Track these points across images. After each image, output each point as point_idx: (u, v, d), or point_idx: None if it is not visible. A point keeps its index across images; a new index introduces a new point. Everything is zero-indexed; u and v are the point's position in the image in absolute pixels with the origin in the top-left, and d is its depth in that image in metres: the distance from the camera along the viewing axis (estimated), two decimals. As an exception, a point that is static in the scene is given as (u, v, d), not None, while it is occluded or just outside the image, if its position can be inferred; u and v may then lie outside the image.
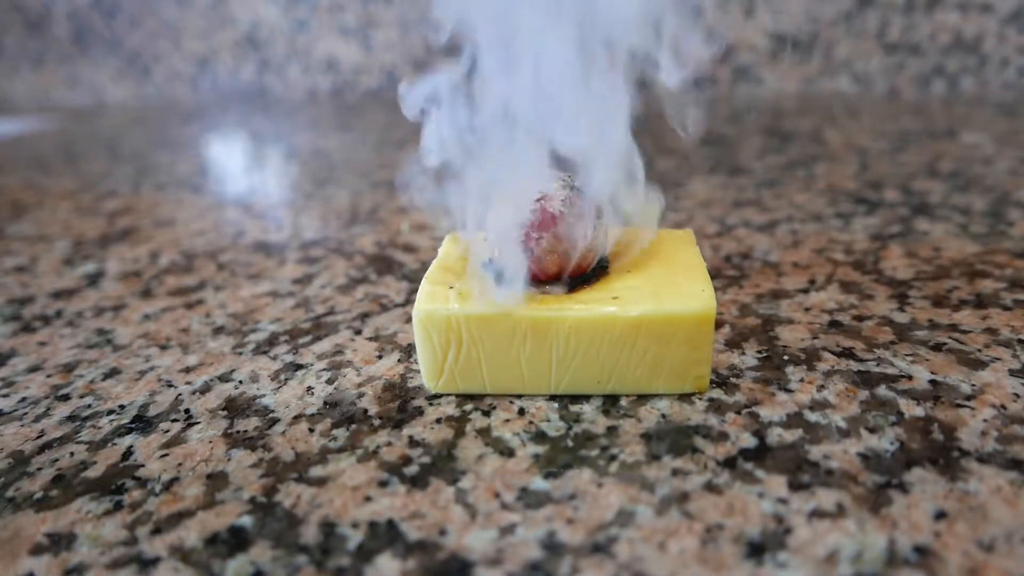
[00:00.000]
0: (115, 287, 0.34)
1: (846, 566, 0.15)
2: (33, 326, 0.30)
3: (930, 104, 0.69)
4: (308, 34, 0.93)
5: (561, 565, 0.15)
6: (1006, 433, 0.19)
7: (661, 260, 0.23)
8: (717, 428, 0.20)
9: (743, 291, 0.29)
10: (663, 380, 0.21)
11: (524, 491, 0.18)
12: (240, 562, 0.16)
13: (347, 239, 0.38)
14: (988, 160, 0.47)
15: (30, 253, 0.40)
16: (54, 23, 1.02)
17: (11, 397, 0.24)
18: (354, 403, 0.22)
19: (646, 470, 0.18)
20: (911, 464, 0.18)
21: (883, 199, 0.40)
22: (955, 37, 0.74)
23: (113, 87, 1.04)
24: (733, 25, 0.78)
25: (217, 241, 0.40)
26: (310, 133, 0.72)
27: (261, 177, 0.55)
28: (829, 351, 0.24)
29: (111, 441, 0.21)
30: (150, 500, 0.18)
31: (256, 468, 0.19)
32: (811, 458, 0.18)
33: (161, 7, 0.97)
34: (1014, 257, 0.31)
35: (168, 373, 0.25)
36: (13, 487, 0.19)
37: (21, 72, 1.07)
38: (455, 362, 0.21)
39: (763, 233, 0.36)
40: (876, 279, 0.29)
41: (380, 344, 0.26)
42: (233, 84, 0.99)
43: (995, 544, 0.15)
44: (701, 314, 0.20)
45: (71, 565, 0.16)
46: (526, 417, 0.21)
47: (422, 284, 0.22)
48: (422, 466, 0.19)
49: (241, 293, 0.32)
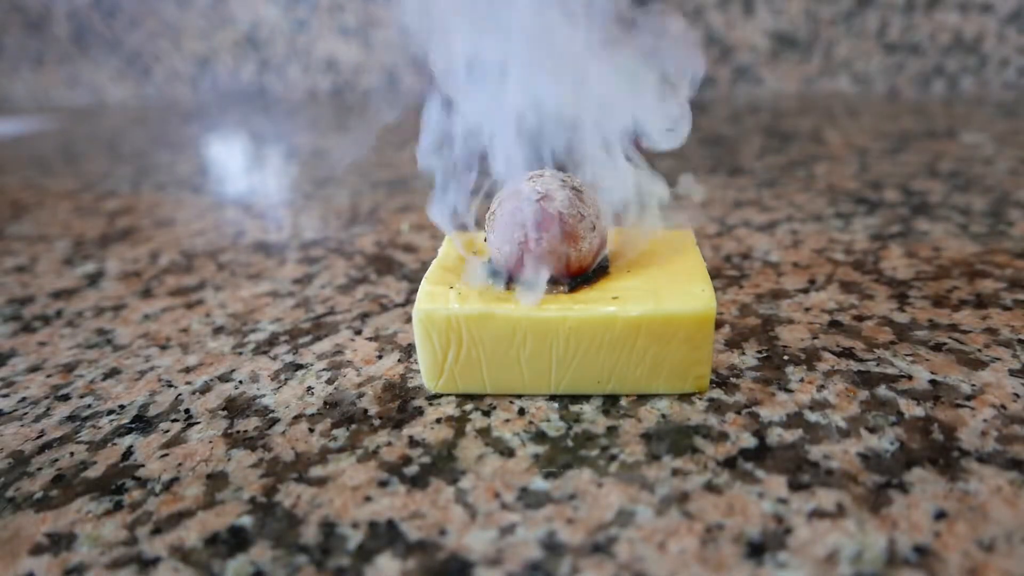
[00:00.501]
0: (115, 287, 0.34)
1: (846, 566, 0.15)
2: (33, 326, 0.30)
3: (930, 104, 0.69)
4: (308, 34, 0.93)
5: (561, 565, 0.15)
6: (1006, 433, 0.19)
7: (661, 260, 0.23)
8: (717, 428, 0.20)
9: (743, 291, 0.29)
10: (663, 380, 0.21)
11: (524, 491, 0.18)
12: (240, 562, 0.16)
13: (347, 239, 0.38)
14: (988, 160, 0.47)
15: (30, 253, 0.40)
16: (54, 23, 1.02)
17: (11, 397, 0.24)
18: (354, 403, 0.22)
19: (646, 470, 0.18)
20: (911, 464, 0.18)
21: (883, 199, 0.40)
22: (955, 37, 0.74)
23: (113, 87, 1.04)
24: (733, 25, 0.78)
25: (217, 241, 0.40)
26: (310, 133, 0.72)
27: (261, 177, 0.55)
28: (829, 351, 0.24)
29: (111, 441, 0.21)
30: (150, 500, 0.18)
31: (256, 468, 0.19)
32: (811, 458, 0.18)
33: (161, 7, 0.97)
34: (1014, 257, 0.31)
35: (168, 373, 0.25)
36: (13, 487, 0.19)
37: (21, 72, 1.07)
38: (455, 362, 0.21)
39: (763, 233, 0.36)
40: (876, 279, 0.29)
41: (380, 344, 0.26)
42: (233, 84, 0.99)
43: (995, 544, 0.15)
44: (701, 314, 0.20)
45: (71, 565, 0.16)
46: (526, 417, 0.21)
47: (422, 284, 0.22)
48: (422, 466, 0.19)
49: (241, 293, 0.32)
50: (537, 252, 0.21)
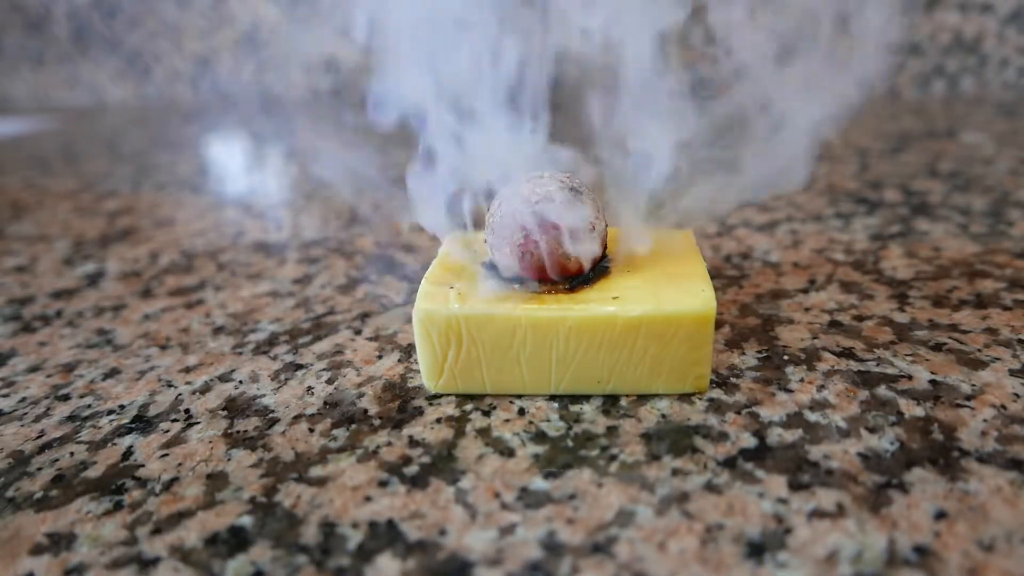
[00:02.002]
0: (115, 287, 0.34)
1: (846, 566, 0.15)
2: (33, 326, 0.30)
3: (930, 104, 0.69)
4: (308, 34, 0.93)
5: (561, 565, 0.15)
6: (1006, 433, 0.19)
7: (661, 260, 0.23)
8: (717, 428, 0.20)
9: (743, 291, 0.29)
10: (663, 380, 0.21)
11: (524, 491, 0.18)
12: (240, 562, 0.16)
13: (347, 239, 0.38)
14: (988, 160, 0.47)
15: (30, 253, 0.40)
16: (54, 23, 1.02)
17: (11, 397, 0.24)
18: (354, 403, 0.22)
19: (646, 470, 0.18)
20: (911, 464, 0.18)
21: (883, 199, 0.40)
22: (955, 37, 0.74)
23: (113, 87, 1.04)
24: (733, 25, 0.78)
25: (217, 241, 0.40)
26: (310, 133, 0.72)
27: (261, 177, 0.55)
28: (829, 351, 0.24)
29: (111, 441, 0.21)
30: (150, 500, 0.18)
31: (256, 468, 0.19)
32: (811, 458, 0.18)
33: (161, 7, 0.97)
34: (1014, 257, 0.31)
35: (168, 373, 0.25)
36: (13, 487, 0.19)
37: (21, 72, 1.07)
38: (455, 362, 0.21)
39: (763, 233, 0.36)
40: (876, 279, 0.29)
41: (380, 344, 0.26)
42: (233, 84, 0.99)
43: (995, 544, 0.15)
44: (701, 314, 0.20)
45: (71, 565, 0.16)
46: (526, 417, 0.21)
47: (422, 284, 0.22)
48: (422, 466, 0.19)
49: (241, 293, 0.32)
50: (536, 255, 0.21)
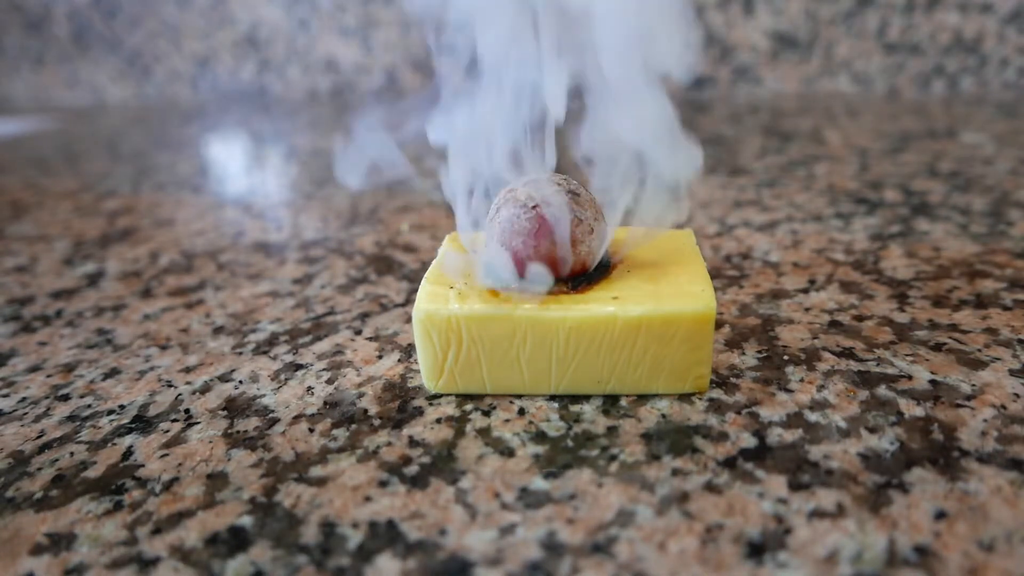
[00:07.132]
0: (115, 287, 0.34)
1: (846, 566, 0.15)
2: (33, 326, 0.30)
3: (930, 104, 0.69)
4: (308, 34, 0.93)
5: (561, 565, 0.15)
6: (1006, 433, 0.19)
7: (661, 260, 0.23)
8: (717, 428, 0.20)
9: (743, 291, 0.29)
10: (663, 380, 0.21)
11: (524, 491, 0.18)
12: (240, 562, 0.16)
13: (347, 239, 0.38)
14: (988, 160, 0.47)
15: (30, 253, 0.40)
16: (54, 23, 1.02)
17: (11, 397, 0.24)
18: (354, 403, 0.22)
19: (646, 470, 0.18)
20: (911, 464, 0.18)
21: (883, 199, 0.40)
22: (955, 37, 0.74)
23: (113, 87, 1.04)
24: (733, 25, 0.78)
25: (217, 241, 0.40)
26: (310, 133, 0.72)
27: (261, 177, 0.55)
28: (829, 351, 0.24)
29: (111, 441, 0.21)
30: (150, 500, 0.18)
31: (256, 468, 0.19)
32: (811, 458, 0.18)
33: (161, 7, 0.97)
34: (1014, 257, 0.31)
35: (168, 373, 0.25)
36: (13, 487, 0.19)
37: (21, 72, 1.07)
38: (455, 362, 0.21)
39: (763, 233, 0.36)
40: (876, 279, 0.29)
41: (380, 344, 0.26)
42: (233, 84, 0.99)
43: (995, 544, 0.15)
44: (701, 314, 0.20)
45: (71, 565, 0.16)
46: (526, 417, 0.21)
47: (422, 284, 0.22)
48: (422, 466, 0.19)
49: (241, 293, 0.32)
50: (535, 259, 0.21)
